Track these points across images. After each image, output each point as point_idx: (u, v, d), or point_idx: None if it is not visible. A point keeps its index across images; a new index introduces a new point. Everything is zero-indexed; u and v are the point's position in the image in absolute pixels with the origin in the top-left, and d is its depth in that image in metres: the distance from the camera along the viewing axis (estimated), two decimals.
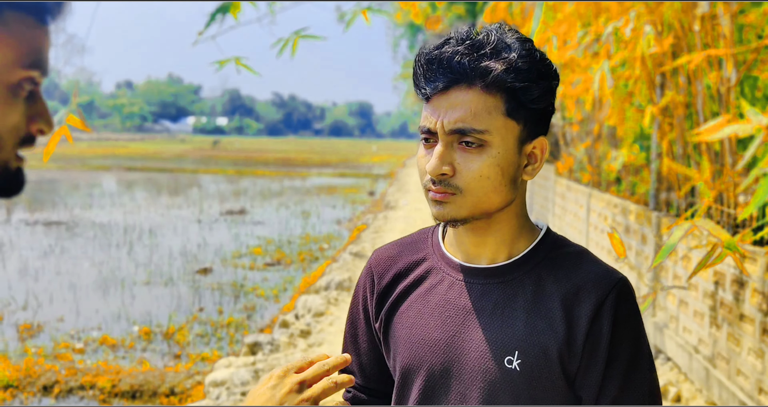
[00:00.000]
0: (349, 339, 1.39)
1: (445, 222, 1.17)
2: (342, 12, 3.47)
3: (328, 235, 14.63)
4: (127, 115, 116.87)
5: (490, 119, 1.11)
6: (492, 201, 1.15)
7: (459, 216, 1.15)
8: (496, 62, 1.11)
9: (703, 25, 4.55)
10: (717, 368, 4.37)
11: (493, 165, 1.13)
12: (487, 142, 1.12)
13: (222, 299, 9.17)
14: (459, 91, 1.12)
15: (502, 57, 1.11)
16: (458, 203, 1.14)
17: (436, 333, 1.21)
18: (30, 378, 6.00)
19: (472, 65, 1.10)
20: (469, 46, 1.11)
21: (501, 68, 1.11)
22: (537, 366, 1.14)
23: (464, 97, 1.11)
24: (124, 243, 13.15)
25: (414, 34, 24.16)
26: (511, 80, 1.11)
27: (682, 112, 5.26)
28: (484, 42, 1.12)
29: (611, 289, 1.14)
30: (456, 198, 1.14)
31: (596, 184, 8.57)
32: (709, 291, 4.52)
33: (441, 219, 1.17)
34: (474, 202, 1.14)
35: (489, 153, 1.12)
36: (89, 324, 7.96)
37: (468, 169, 1.12)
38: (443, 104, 1.13)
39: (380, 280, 1.31)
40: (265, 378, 1.11)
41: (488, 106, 1.11)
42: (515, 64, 1.11)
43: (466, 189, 1.13)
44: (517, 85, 1.11)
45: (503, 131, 1.13)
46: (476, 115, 1.11)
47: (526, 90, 1.12)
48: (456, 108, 1.11)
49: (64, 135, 2.28)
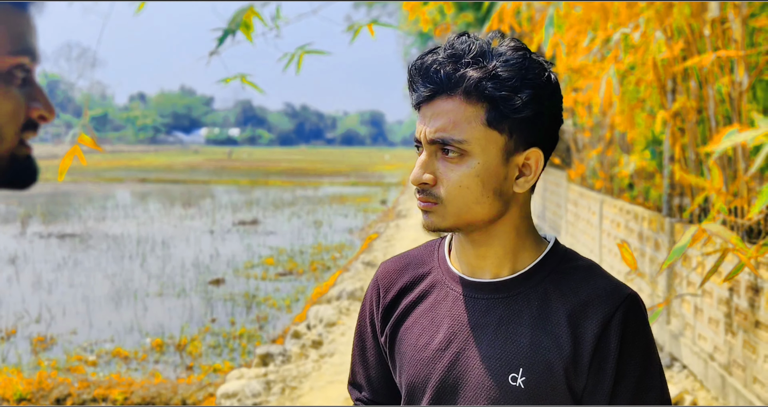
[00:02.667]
0: (358, 351, 1.38)
1: (431, 231, 1.17)
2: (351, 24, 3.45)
3: (340, 245, 14.62)
4: (140, 127, 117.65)
5: (470, 129, 1.10)
6: (475, 212, 1.13)
7: (442, 226, 1.15)
8: (474, 70, 1.09)
9: (714, 29, 4.51)
10: (733, 376, 4.31)
11: (472, 175, 1.11)
12: (467, 152, 1.10)
13: (234, 310, 9.17)
14: (441, 101, 1.11)
15: (481, 65, 1.10)
16: (440, 213, 1.14)
17: (442, 349, 1.18)
18: (43, 390, 6.00)
19: (450, 74, 1.09)
20: (450, 55, 1.11)
21: (477, 76, 1.09)
22: (542, 384, 1.11)
23: (446, 106, 1.11)
24: (137, 254, 13.19)
25: (424, 42, 24.18)
26: (491, 89, 1.08)
27: (693, 117, 5.22)
28: (466, 51, 1.11)
29: (619, 305, 1.11)
30: (438, 207, 1.13)
31: (609, 190, 8.52)
32: (724, 298, 4.46)
33: (427, 228, 1.16)
34: (455, 212, 1.13)
35: (468, 163, 1.11)
36: (102, 337, 7.97)
37: (447, 178, 1.12)
38: (428, 113, 1.13)
39: (386, 294, 1.29)
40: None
41: (468, 116, 1.10)
42: (494, 72, 1.09)
43: (447, 199, 1.12)
44: (497, 93, 1.09)
45: (483, 141, 1.10)
46: (456, 124, 1.10)
47: (506, 99, 1.09)
48: (438, 117, 1.11)
49: (77, 155, 2.27)
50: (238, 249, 13.89)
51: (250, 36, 2.96)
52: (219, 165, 49.74)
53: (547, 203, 12.65)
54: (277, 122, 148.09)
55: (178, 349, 7.49)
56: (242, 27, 2.96)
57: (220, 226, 17.24)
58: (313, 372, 5.83)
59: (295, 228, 16.98)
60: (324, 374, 5.80)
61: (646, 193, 7.39)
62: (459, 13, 12.24)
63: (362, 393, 1.38)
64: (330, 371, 5.86)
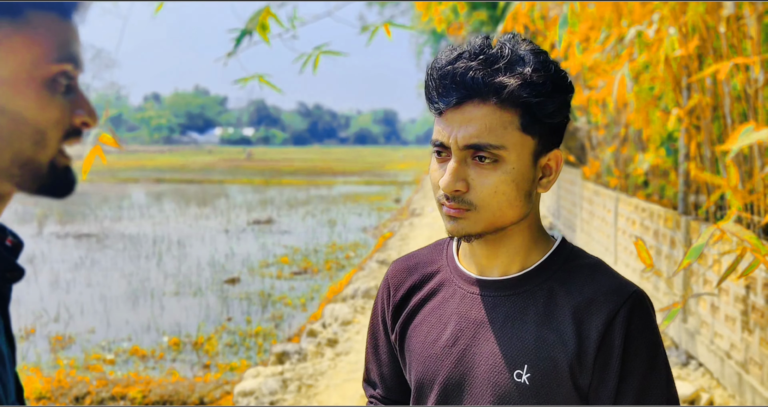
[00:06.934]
0: (371, 350, 1.39)
1: (459, 237, 1.16)
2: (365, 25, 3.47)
3: (355, 243, 14.65)
4: (155, 128, 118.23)
5: (506, 134, 1.10)
6: (507, 216, 1.14)
7: (473, 232, 1.14)
8: (510, 77, 1.09)
9: (729, 26, 4.50)
10: (750, 373, 4.29)
11: (509, 180, 1.11)
12: (503, 158, 1.10)
13: (250, 308, 9.21)
14: (473, 106, 1.10)
15: (517, 71, 1.09)
16: (473, 219, 1.13)
17: (449, 346, 1.20)
18: (62, 389, 6.07)
19: (487, 81, 1.08)
20: (483, 61, 1.09)
21: (516, 83, 1.08)
22: (547, 380, 1.12)
23: (478, 112, 1.09)
24: (153, 254, 13.28)
25: (437, 40, 24.14)
26: (527, 95, 1.09)
27: (709, 115, 5.20)
28: (498, 56, 1.10)
29: (624, 302, 1.12)
30: (470, 214, 1.13)
31: (623, 188, 8.49)
32: (741, 296, 4.45)
33: (455, 234, 1.15)
34: (488, 217, 1.13)
35: (504, 168, 1.11)
36: (119, 336, 8.04)
37: (482, 184, 1.11)
38: (457, 119, 1.11)
39: (396, 293, 1.31)
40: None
41: (503, 122, 1.09)
42: (530, 79, 1.09)
43: (481, 205, 1.12)
44: (533, 100, 1.09)
45: (519, 147, 1.11)
46: (491, 130, 1.09)
47: (541, 105, 1.10)
48: (470, 123, 1.10)
49: (98, 155, 2.29)
50: (253, 248, 13.95)
51: (267, 37, 2.98)
52: (233, 165, 49.91)
53: (562, 201, 12.62)
54: (291, 122, 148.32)
55: (195, 348, 7.54)
56: (258, 28, 2.98)
57: (235, 226, 17.31)
58: (329, 370, 5.86)
59: (309, 227, 17.02)
60: (340, 372, 5.83)
61: (661, 191, 7.36)
62: (472, 12, 12.23)
63: (376, 390, 1.40)
64: (346, 369, 5.88)
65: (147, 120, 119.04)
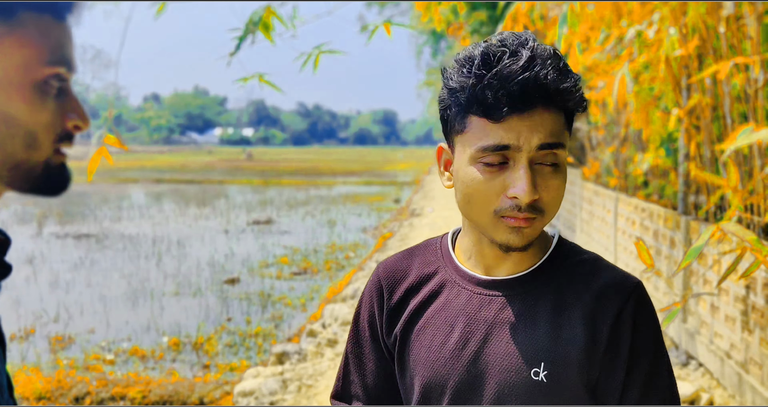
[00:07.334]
0: (354, 359, 1.32)
1: (516, 249, 1.13)
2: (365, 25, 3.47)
3: (354, 244, 14.64)
4: (154, 128, 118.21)
5: (563, 137, 1.12)
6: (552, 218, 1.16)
7: (532, 240, 1.14)
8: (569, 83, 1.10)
9: (729, 26, 4.50)
10: (750, 373, 4.29)
11: (564, 183, 1.13)
12: (561, 160, 1.12)
13: (250, 309, 9.21)
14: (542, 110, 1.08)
15: (572, 77, 1.10)
16: (537, 226, 1.12)
17: (459, 349, 1.18)
18: (62, 389, 6.07)
19: (560, 87, 1.08)
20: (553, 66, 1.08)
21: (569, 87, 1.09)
22: (564, 376, 1.12)
23: (547, 115, 1.09)
24: (152, 254, 13.28)
25: (437, 40, 24.14)
26: (577, 99, 1.11)
27: (708, 115, 5.20)
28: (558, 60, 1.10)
29: (630, 295, 1.14)
30: (535, 221, 1.12)
31: (623, 188, 8.49)
32: (740, 296, 4.45)
33: (516, 246, 1.13)
34: (547, 222, 1.14)
35: (562, 171, 1.13)
36: (119, 336, 8.04)
37: (550, 189, 1.11)
38: (525, 123, 1.08)
39: (390, 296, 1.27)
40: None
41: (562, 124, 1.12)
42: (577, 83, 1.11)
43: (547, 210, 1.12)
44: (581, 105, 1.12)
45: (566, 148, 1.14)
46: (558, 133, 1.10)
47: (579, 107, 1.13)
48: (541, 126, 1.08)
49: (104, 156, 2.28)
50: (253, 248, 13.95)
51: (270, 36, 2.98)
52: (233, 165, 49.90)
53: (562, 201, 12.61)
54: (290, 122, 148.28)
55: (195, 348, 7.54)
56: (261, 27, 2.98)
57: (234, 226, 17.31)
58: (328, 371, 5.86)
59: (309, 228, 17.02)
60: None
61: (661, 191, 7.36)
62: (472, 13, 12.23)
63: (354, 404, 1.32)
64: None
65: (147, 120, 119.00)
